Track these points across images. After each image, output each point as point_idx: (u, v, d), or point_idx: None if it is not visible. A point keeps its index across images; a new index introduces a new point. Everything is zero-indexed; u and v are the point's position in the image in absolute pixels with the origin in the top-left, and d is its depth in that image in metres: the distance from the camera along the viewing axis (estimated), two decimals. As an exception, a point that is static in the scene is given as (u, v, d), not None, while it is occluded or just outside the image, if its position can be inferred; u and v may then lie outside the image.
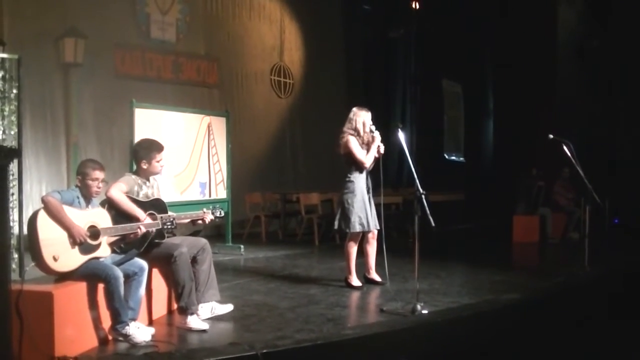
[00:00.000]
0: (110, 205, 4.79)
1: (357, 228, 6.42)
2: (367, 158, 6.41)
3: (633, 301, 6.85)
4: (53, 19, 9.43)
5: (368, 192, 6.49)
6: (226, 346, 4.29)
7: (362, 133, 6.47)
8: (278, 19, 13.64)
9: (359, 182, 6.44)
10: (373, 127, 6.47)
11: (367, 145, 6.46)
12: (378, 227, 6.55)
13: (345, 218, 6.44)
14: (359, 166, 6.44)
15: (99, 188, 4.63)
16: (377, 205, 6.58)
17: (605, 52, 14.53)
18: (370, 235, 6.58)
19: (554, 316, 6.09)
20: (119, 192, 4.84)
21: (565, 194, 11.39)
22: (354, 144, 6.43)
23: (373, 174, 6.55)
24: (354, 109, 6.60)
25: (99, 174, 4.58)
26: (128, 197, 4.88)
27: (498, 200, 12.97)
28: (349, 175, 6.48)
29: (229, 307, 5.31)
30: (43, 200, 4.29)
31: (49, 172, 9.41)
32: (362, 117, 6.50)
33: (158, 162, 5.16)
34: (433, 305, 5.62)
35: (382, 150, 6.42)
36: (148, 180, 5.20)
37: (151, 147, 5.17)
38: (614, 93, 14.40)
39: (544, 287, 6.88)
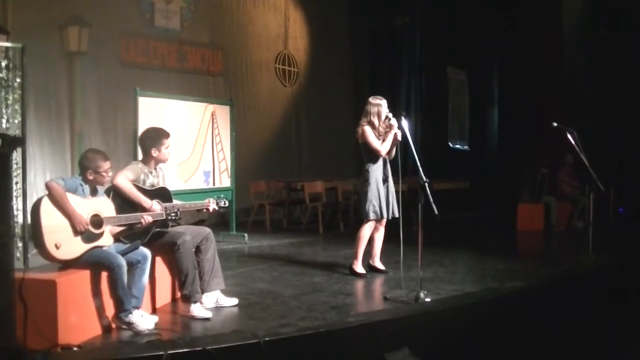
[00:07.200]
0: (115, 192, 4.80)
1: (371, 216, 6.46)
2: (383, 146, 6.43)
3: (636, 290, 6.85)
4: (57, 7, 9.43)
5: (386, 181, 6.52)
6: (229, 334, 4.31)
7: (377, 125, 6.49)
8: (283, 7, 13.60)
9: (375, 171, 6.47)
10: (390, 115, 6.47)
11: (385, 135, 6.47)
12: (397, 215, 6.56)
13: (361, 206, 6.52)
14: (375, 155, 6.46)
15: (109, 177, 4.66)
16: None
17: (611, 40, 14.42)
18: (379, 223, 6.61)
19: (558, 305, 6.09)
20: (125, 179, 4.86)
21: (570, 182, 11.32)
22: (369, 134, 6.45)
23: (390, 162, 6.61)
24: (369, 100, 6.61)
25: (108, 164, 4.60)
26: (134, 185, 4.90)
27: (502, 189, 12.92)
28: (365, 164, 6.52)
29: (233, 301, 5.29)
30: (47, 186, 4.30)
31: (53, 160, 9.43)
32: (376, 108, 6.51)
33: (167, 148, 5.18)
34: (436, 294, 5.63)
35: (399, 137, 6.41)
36: (154, 169, 5.21)
37: (159, 135, 5.21)
38: (621, 82, 14.29)
39: (548, 276, 6.86)
